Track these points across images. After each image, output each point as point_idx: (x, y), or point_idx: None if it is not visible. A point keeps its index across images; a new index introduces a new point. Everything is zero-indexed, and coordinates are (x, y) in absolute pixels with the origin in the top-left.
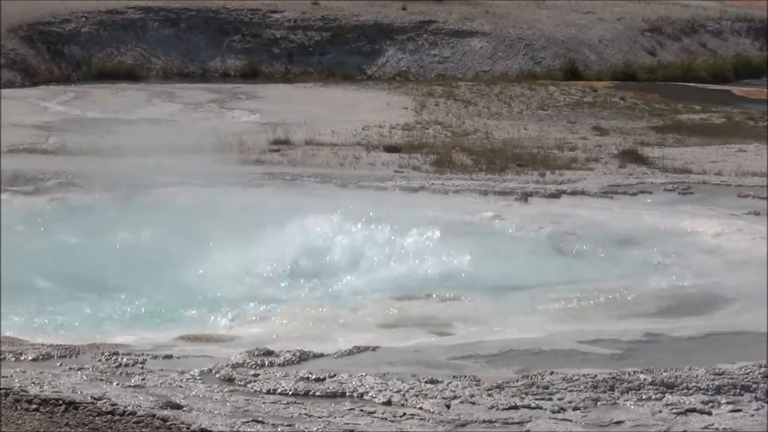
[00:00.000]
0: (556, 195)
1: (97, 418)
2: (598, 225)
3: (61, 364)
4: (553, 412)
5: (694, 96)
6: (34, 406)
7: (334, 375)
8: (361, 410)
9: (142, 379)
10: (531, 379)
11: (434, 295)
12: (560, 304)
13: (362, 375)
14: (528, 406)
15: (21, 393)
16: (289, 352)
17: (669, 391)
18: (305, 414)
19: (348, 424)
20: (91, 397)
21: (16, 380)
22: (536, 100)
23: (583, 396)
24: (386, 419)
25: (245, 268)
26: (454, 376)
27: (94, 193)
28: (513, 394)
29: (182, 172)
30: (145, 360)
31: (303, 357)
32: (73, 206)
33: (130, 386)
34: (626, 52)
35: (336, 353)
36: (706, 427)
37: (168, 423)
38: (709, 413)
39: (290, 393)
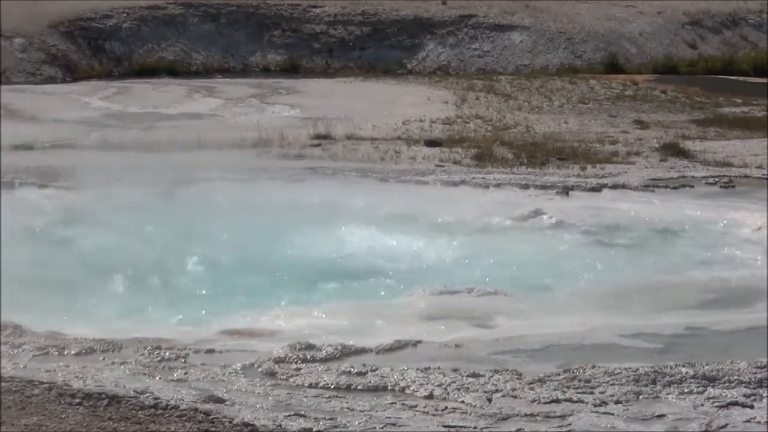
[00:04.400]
0: (598, 189)
1: (139, 411)
2: (640, 219)
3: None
4: (595, 405)
5: (736, 89)
6: (78, 400)
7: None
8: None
9: (185, 373)
10: (573, 372)
11: (476, 289)
12: (601, 298)
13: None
14: (570, 400)
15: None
16: None
17: (711, 384)
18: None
19: (390, 417)
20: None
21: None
22: (577, 93)
23: (624, 389)
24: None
25: None
26: (495, 370)
27: (136, 189)
28: (555, 387)
29: (224, 168)
30: (188, 354)
31: None
32: (116, 202)
33: (172, 380)
34: (667, 45)
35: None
36: (748, 421)
37: (210, 417)
38: (752, 406)
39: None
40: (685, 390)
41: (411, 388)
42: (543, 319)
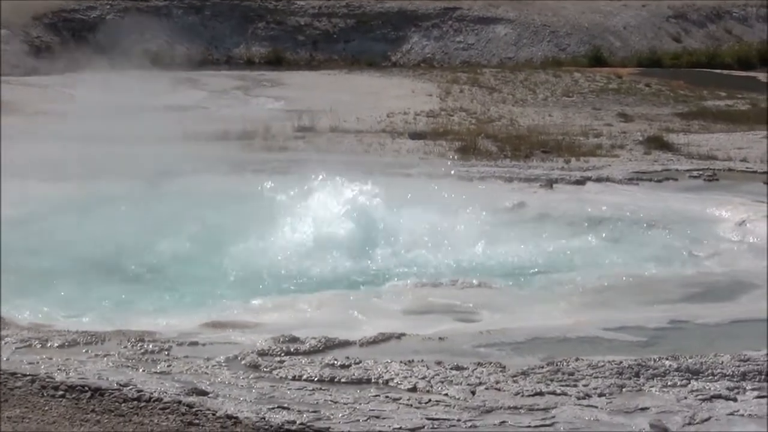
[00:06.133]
0: (582, 182)
1: (123, 404)
2: (624, 212)
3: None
4: (579, 398)
5: (720, 82)
6: (61, 393)
7: None
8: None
9: (168, 366)
10: (556, 365)
11: (459, 281)
12: (585, 291)
13: None
14: (553, 393)
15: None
16: None
17: (694, 377)
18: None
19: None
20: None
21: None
22: (561, 86)
23: (608, 382)
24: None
25: None
26: (479, 363)
27: (120, 181)
28: (538, 380)
29: (208, 160)
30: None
31: None
32: (100, 194)
33: (156, 373)
34: (651, 38)
35: None
36: (731, 414)
37: (194, 409)
38: (735, 399)
39: None
40: (669, 383)
41: (395, 381)
42: (527, 312)
